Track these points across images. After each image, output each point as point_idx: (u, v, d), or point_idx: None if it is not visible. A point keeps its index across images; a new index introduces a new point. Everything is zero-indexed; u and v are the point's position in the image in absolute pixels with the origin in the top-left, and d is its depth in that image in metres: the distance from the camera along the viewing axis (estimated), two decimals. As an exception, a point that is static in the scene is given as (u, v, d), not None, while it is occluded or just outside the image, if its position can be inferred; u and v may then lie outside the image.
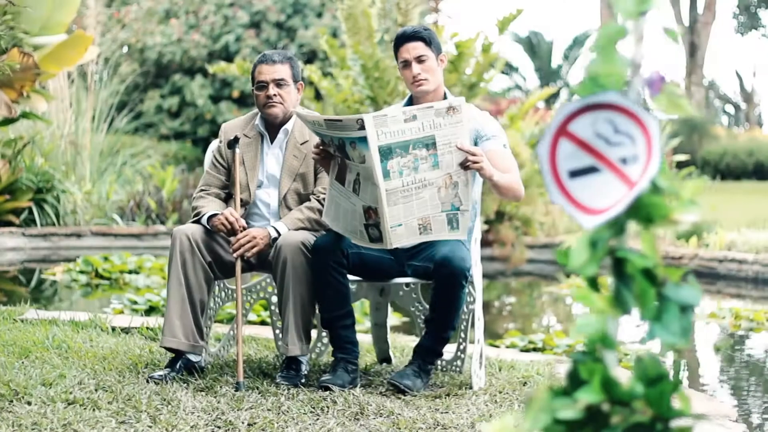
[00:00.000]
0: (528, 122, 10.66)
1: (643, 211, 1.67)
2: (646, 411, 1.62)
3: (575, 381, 1.68)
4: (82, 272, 8.09)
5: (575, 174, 1.73)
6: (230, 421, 3.44)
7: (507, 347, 5.46)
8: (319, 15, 21.20)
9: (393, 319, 5.52)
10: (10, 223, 10.02)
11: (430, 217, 3.73)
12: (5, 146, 10.13)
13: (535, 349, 5.50)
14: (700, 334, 6.83)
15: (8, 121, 9.67)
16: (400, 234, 3.70)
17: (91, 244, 10.30)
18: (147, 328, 4.94)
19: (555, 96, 28.33)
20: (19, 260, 9.62)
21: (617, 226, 1.68)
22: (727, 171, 23.49)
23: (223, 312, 5.95)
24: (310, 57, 20.41)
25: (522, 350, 5.40)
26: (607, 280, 1.72)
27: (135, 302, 6.32)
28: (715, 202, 11.08)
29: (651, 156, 1.65)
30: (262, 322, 5.99)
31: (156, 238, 10.60)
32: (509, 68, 33.16)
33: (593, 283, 1.77)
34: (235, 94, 20.52)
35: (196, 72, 20.92)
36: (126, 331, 4.96)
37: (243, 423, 3.43)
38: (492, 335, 5.94)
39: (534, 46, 34.03)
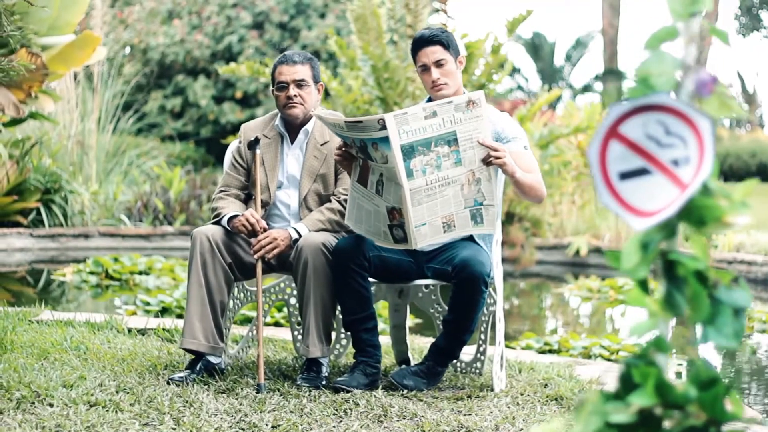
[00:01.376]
0: (536, 123, 10.66)
1: (695, 214, 1.66)
2: (700, 415, 1.61)
3: (627, 384, 1.67)
4: (92, 273, 8.08)
5: (626, 176, 1.72)
6: (254, 423, 3.43)
7: (522, 349, 5.44)
8: (322, 16, 21.20)
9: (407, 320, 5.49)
10: (18, 224, 10.00)
11: (453, 214, 3.71)
12: (13, 147, 10.12)
13: (551, 351, 5.48)
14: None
15: (16, 122, 9.65)
16: (424, 233, 3.68)
17: (98, 245, 10.28)
18: (163, 329, 4.93)
19: (558, 98, 28.28)
20: (27, 261, 9.61)
21: (668, 228, 1.66)
22: (730, 172, 23.48)
23: (238, 314, 5.93)
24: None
25: (538, 352, 5.39)
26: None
27: (148, 303, 6.30)
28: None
29: (703, 158, 1.64)
30: (276, 324, 5.98)
31: (164, 239, 10.58)
32: (512, 69, 33.11)
33: (644, 286, 1.75)
34: (238, 94, 20.51)
35: (199, 72, 20.92)
36: (142, 332, 4.94)
37: (267, 425, 3.41)
38: (506, 337, 5.92)
39: (536, 47, 34.02)
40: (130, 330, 4.95)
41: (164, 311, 6.18)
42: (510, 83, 34.13)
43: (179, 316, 6.05)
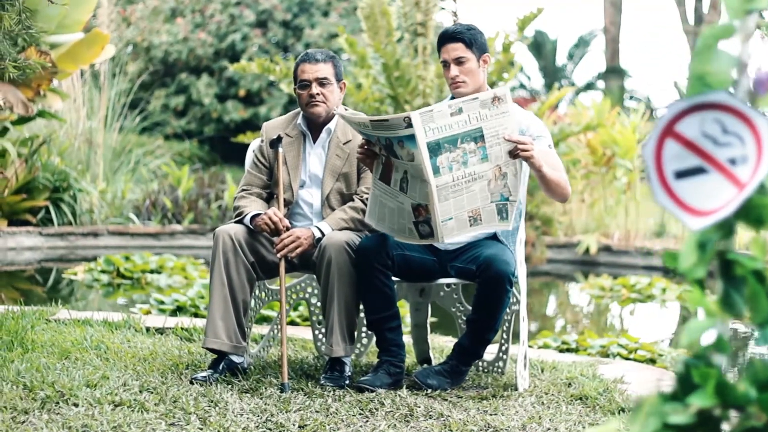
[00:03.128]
0: (546, 121, 10.64)
1: (753, 213, 1.64)
2: (761, 416, 1.60)
3: (686, 385, 1.65)
4: (103, 272, 8.06)
5: (682, 175, 1.70)
6: (281, 423, 3.41)
7: (539, 348, 5.43)
8: (326, 14, 21.17)
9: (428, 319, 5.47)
10: (27, 223, 9.98)
11: (480, 208, 3.69)
12: (21, 145, 10.10)
13: (568, 350, 5.47)
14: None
15: (24, 120, 9.63)
16: (450, 227, 3.66)
17: (107, 244, 10.27)
18: (182, 328, 4.91)
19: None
20: (36, 259, 9.59)
21: (726, 228, 1.65)
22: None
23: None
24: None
25: (559, 351, 5.37)
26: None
27: (162, 302, 6.29)
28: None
29: (761, 157, 1.62)
30: (291, 323, 5.96)
31: (173, 238, 10.56)
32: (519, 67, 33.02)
33: (702, 286, 1.74)
34: (242, 92, 20.50)
35: (202, 71, 20.90)
36: (161, 331, 4.93)
37: (294, 425, 3.40)
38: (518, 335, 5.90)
39: (538, 45, 33.96)
40: (148, 329, 4.93)
41: (179, 310, 6.16)
42: (512, 81, 34.07)
43: (195, 315, 6.04)
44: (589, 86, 31.98)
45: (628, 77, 31.34)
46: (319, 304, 4.53)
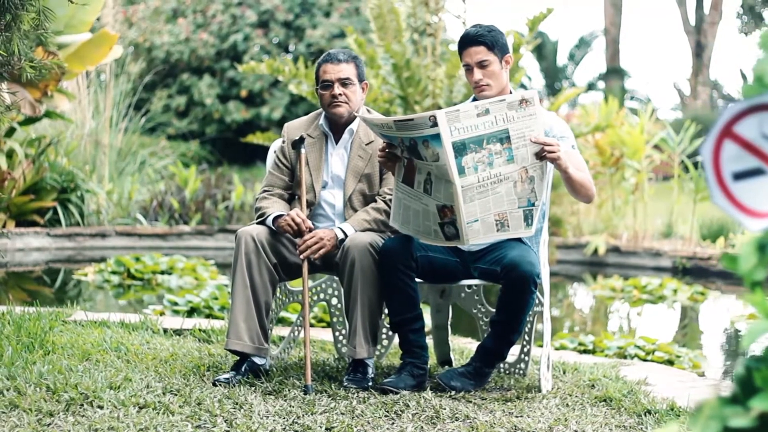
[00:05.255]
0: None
1: (813, 215, 1.63)
2: (825, 420, 1.58)
3: (747, 388, 1.64)
4: (114, 273, 8.04)
5: (740, 176, 1.68)
6: (307, 425, 3.39)
7: (557, 349, 5.41)
8: (327, 14, 21.16)
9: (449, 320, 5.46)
10: (34, 223, 9.96)
11: (507, 213, 3.67)
12: (28, 146, 10.08)
13: (585, 351, 5.45)
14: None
15: (31, 121, 9.61)
16: (476, 230, 3.64)
17: (115, 245, 10.25)
18: (200, 330, 4.89)
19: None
20: (44, 260, 9.57)
21: (786, 229, 1.63)
22: (736, 171, 23.45)
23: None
24: (318, 56, 20.37)
25: (579, 353, 5.35)
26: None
27: (175, 303, 6.26)
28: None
29: (822, 158, 1.61)
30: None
31: (180, 239, 10.54)
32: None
33: (761, 288, 1.72)
34: (244, 93, 20.48)
35: (204, 71, 20.88)
36: (178, 332, 4.91)
37: (321, 427, 3.38)
38: (539, 336, 5.89)
39: (539, 46, 33.97)
40: (165, 330, 4.91)
41: (193, 311, 6.14)
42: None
43: (209, 316, 6.02)
44: (590, 87, 31.97)
45: (628, 78, 31.36)
46: (339, 305, 4.52)
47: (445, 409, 3.64)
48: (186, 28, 20.93)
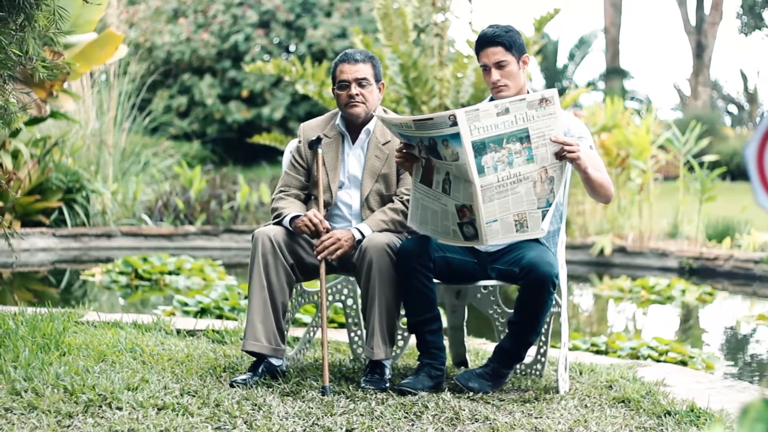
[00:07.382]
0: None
1: None
2: None
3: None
4: (121, 273, 8.02)
5: (785, 177, 1.67)
6: (327, 426, 3.38)
7: (570, 350, 5.39)
8: (328, 14, 21.15)
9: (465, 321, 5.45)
10: (40, 224, 9.94)
11: (526, 213, 3.65)
12: (33, 146, 10.05)
13: (598, 352, 5.44)
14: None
15: (36, 121, 9.59)
16: (495, 230, 3.63)
17: (121, 245, 10.23)
18: (213, 330, 4.88)
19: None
20: (50, 261, 9.55)
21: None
22: (737, 171, 23.45)
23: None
24: (319, 56, 20.36)
25: (594, 353, 5.34)
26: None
27: (185, 304, 6.25)
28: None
29: None
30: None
31: (186, 239, 10.52)
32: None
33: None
34: (245, 93, 20.46)
35: (205, 71, 20.87)
36: (191, 333, 4.89)
37: (341, 429, 3.37)
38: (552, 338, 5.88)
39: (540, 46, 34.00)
40: (179, 331, 4.90)
41: (203, 312, 6.12)
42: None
43: (219, 317, 6.00)
44: (589, 86, 31.95)
45: (628, 78, 31.34)
46: (354, 306, 4.50)
47: (464, 410, 3.62)
48: (187, 28, 20.91)
